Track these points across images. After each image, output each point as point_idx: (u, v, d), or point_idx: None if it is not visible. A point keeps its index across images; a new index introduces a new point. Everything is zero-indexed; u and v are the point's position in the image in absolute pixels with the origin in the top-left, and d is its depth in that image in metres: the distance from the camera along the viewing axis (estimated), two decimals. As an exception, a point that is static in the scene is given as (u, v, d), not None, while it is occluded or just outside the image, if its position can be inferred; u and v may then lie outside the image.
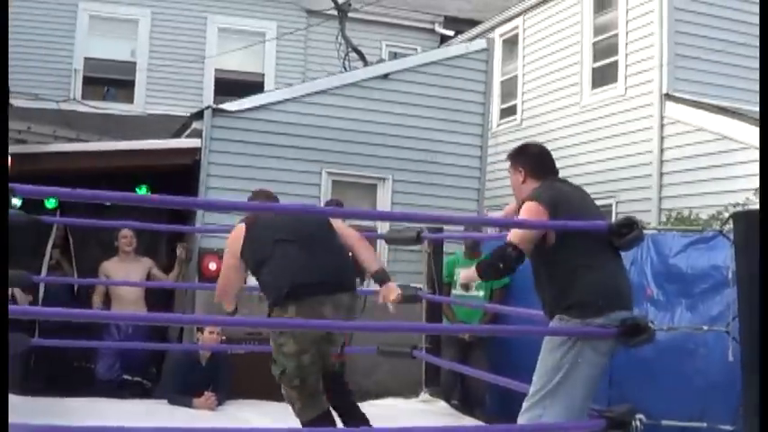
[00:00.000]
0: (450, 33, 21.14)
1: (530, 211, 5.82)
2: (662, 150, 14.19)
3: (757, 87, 13.67)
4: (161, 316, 10.75)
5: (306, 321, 6.38)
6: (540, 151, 6.42)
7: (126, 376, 11.19)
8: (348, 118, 13.08)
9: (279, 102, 12.87)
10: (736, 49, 14.22)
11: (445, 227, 10.51)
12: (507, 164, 6.37)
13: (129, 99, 19.87)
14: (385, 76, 13.40)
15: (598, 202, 14.95)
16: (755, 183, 11.38)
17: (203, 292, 11.84)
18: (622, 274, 6.02)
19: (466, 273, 6.34)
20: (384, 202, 13.19)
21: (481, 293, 10.52)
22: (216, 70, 20.24)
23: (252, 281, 7.71)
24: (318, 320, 6.39)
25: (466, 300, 10.12)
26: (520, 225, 5.89)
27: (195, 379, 9.76)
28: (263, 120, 12.67)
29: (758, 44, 13.02)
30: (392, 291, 7.02)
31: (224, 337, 10.30)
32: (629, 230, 5.70)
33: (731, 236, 6.35)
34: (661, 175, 14.14)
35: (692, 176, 13.46)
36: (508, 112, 18.67)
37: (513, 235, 5.80)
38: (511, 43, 18.81)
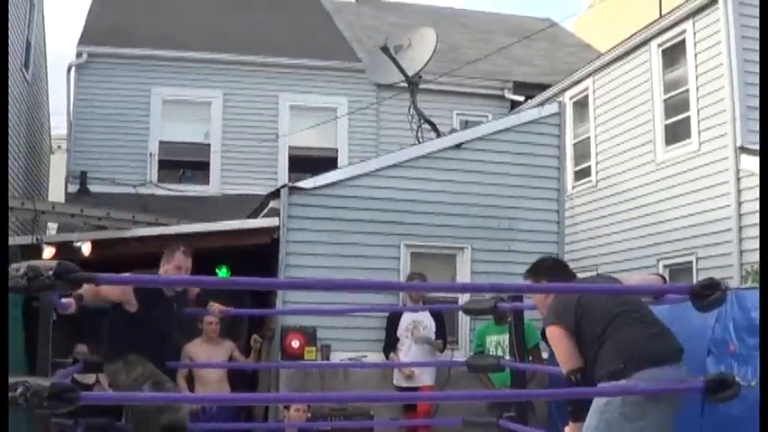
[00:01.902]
0: (521, 99, 21.15)
1: (554, 338, 6.15)
2: (740, 203, 14.01)
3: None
4: (248, 396, 10.81)
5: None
6: (553, 263, 6.96)
7: (212, 457, 11.20)
8: (423, 189, 13.07)
9: (353, 177, 12.92)
10: (810, 96, 14.05)
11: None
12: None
13: (205, 180, 20.13)
14: (458, 146, 13.38)
15: (677, 260, 14.83)
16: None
17: (287, 370, 11.90)
18: (645, 333, 5.99)
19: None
20: (464, 271, 13.12)
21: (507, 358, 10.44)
22: (289, 148, 20.46)
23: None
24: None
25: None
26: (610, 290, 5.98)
27: (283, 457, 9.76)
28: (339, 196, 12.72)
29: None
30: None
31: (309, 414, 10.26)
32: (711, 292, 5.63)
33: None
34: (740, 228, 13.93)
35: (774, 229, 13.26)
36: (582, 174, 18.58)
37: (562, 364, 6.11)
38: (581, 105, 18.78)
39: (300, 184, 12.68)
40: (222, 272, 12.89)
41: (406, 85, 15.64)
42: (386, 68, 15.67)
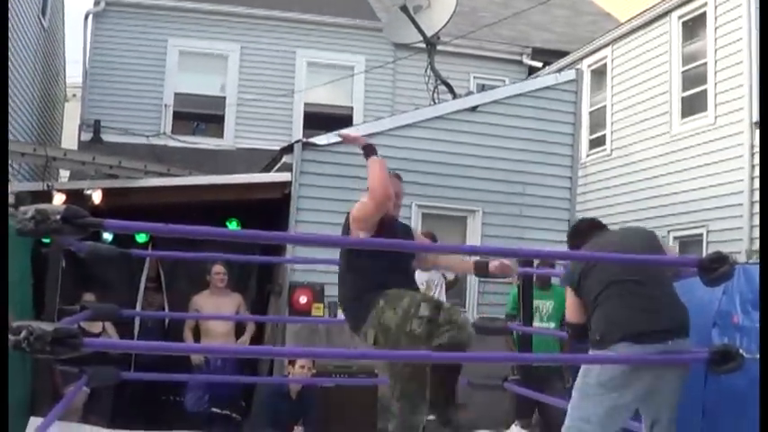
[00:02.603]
0: (539, 65, 21.05)
1: (566, 293, 6.43)
2: (752, 179, 13.96)
3: None
4: (254, 348, 10.81)
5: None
6: (587, 225, 6.94)
7: (215, 409, 11.22)
8: (437, 150, 13.04)
9: (367, 135, 12.68)
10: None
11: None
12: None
13: (219, 134, 20.10)
14: (473, 109, 13.33)
15: (688, 232, 14.79)
16: None
17: (293, 325, 11.90)
18: (633, 307, 6.02)
19: None
20: (474, 234, 13.13)
21: (552, 325, 10.41)
22: (305, 104, 20.40)
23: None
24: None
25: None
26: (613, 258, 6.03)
27: (285, 413, 9.76)
28: (352, 153, 12.57)
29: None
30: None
31: (314, 371, 10.26)
32: (719, 265, 5.60)
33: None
34: (752, 203, 13.89)
35: (786, 203, 13.21)
36: (597, 142, 18.54)
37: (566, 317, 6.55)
38: (599, 73, 18.70)
39: (314, 140, 12.63)
40: (233, 225, 12.87)
41: (424, 45, 15.55)
42: (404, 28, 15.56)
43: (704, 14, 15.56)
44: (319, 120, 19.39)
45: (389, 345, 6.26)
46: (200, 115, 20.52)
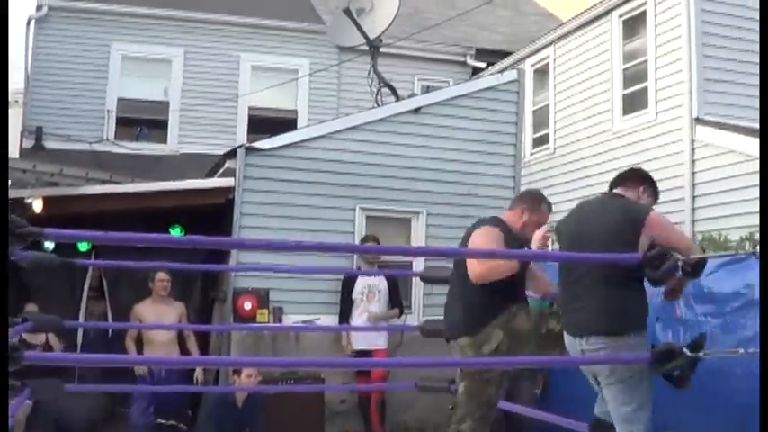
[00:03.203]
0: (482, 65, 21.14)
1: None
2: (693, 174, 14.09)
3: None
4: (197, 359, 10.75)
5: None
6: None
7: (160, 420, 11.14)
8: (381, 153, 13.03)
9: (311, 139, 12.83)
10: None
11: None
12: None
13: (163, 139, 19.97)
14: (416, 111, 13.33)
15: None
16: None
17: (238, 333, 11.84)
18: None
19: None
20: (418, 236, 13.12)
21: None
22: (249, 108, 20.35)
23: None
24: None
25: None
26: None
27: (232, 421, 9.71)
28: (296, 157, 12.63)
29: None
30: None
31: (260, 378, 10.21)
32: (661, 262, 5.60)
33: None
34: (693, 198, 14.02)
35: (725, 198, 13.34)
36: (540, 141, 18.59)
37: None
38: (542, 73, 18.76)
39: (257, 144, 12.57)
40: (176, 231, 12.83)
41: (368, 48, 15.54)
42: (347, 31, 15.50)
43: (644, 13, 15.65)
44: (264, 124, 19.32)
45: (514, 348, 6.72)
46: (144, 121, 20.37)
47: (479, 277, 6.69)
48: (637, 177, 6.80)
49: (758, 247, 7.18)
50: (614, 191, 6.70)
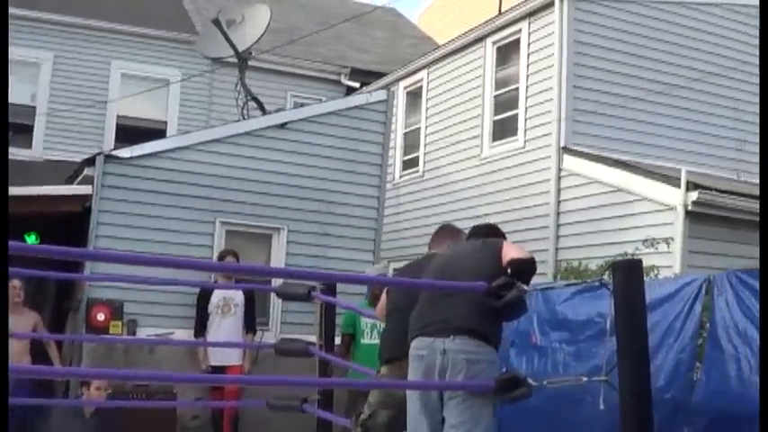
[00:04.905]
0: (356, 85, 21.12)
1: None
2: (559, 202, 14.24)
3: (652, 141, 14.15)
4: (45, 369, 10.44)
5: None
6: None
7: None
8: (244, 167, 12.91)
9: (173, 149, 12.64)
10: (633, 104, 14.43)
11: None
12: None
13: (28, 144, 19.47)
14: (282, 126, 13.25)
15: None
16: (649, 233, 11.58)
17: (90, 343, 11.59)
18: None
19: None
20: (279, 252, 13.03)
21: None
22: (118, 117, 20.01)
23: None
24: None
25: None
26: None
27: (79, 434, 9.47)
28: (157, 167, 12.43)
29: (662, 94, 13.74)
30: None
31: (110, 391, 9.96)
32: (506, 291, 5.58)
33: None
34: (558, 226, 14.17)
35: (588, 227, 13.51)
36: (411, 163, 18.61)
37: None
38: (415, 95, 18.81)
39: (117, 152, 12.37)
40: (31, 239, 12.51)
41: (236, 60, 15.43)
42: (218, 42, 15.37)
43: (518, 41, 15.78)
44: (132, 132, 18.95)
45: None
46: (9, 125, 19.90)
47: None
48: (499, 232, 6.86)
49: (608, 276, 7.10)
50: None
